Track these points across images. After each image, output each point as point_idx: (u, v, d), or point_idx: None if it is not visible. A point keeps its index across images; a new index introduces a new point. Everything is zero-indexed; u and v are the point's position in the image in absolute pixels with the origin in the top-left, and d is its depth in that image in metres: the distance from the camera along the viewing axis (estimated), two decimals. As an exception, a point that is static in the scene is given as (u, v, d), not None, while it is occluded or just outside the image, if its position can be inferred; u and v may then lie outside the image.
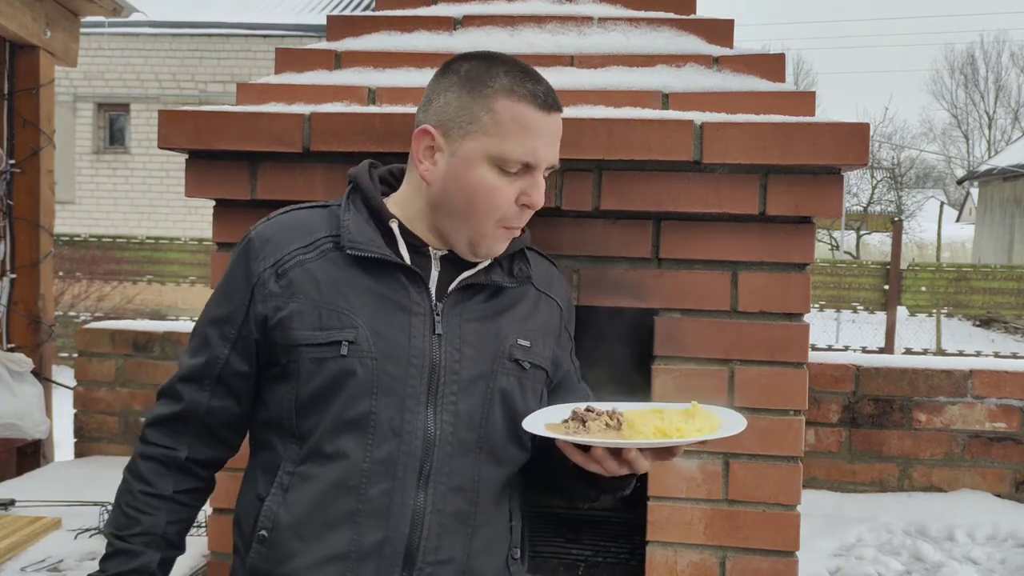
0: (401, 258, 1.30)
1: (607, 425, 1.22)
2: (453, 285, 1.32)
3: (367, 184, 1.36)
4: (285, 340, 1.28)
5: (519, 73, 1.30)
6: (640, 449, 1.20)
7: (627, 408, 1.29)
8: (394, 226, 1.32)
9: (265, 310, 1.30)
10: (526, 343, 1.36)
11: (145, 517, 1.35)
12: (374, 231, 1.31)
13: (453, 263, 1.34)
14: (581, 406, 1.28)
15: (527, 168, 1.28)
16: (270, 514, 1.29)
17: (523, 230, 1.40)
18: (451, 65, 1.34)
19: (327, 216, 1.35)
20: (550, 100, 1.30)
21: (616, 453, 1.20)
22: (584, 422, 1.23)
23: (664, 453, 1.23)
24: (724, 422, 1.25)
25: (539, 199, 1.30)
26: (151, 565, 1.35)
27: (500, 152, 1.26)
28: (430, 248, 1.34)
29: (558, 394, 1.45)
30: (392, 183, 1.42)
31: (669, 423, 1.22)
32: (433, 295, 1.31)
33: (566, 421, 1.24)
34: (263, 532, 1.29)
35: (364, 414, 1.26)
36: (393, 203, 1.37)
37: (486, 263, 1.34)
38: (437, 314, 1.30)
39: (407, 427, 1.26)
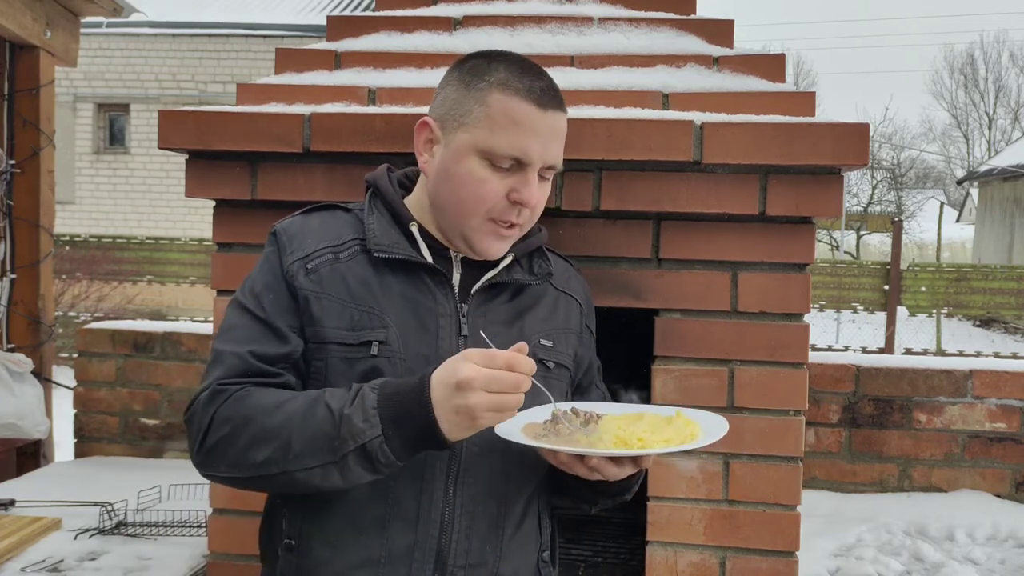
0: (425, 260, 1.30)
1: (581, 426, 1.21)
2: (477, 286, 1.31)
3: (387, 188, 1.35)
4: (315, 337, 1.26)
5: (518, 68, 1.27)
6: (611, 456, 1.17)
7: (614, 411, 1.28)
8: (414, 229, 1.31)
9: (299, 300, 1.28)
10: (549, 343, 1.36)
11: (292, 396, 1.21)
12: (398, 234, 1.31)
13: (473, 264, 1.33)
14: (564, 407, 1.26)
15: (519, 164, 1.25)
16: (297, 522, 1.28)
17: (539, 228, 1.40)
18: (459, 61, 1.34)
19: (351, 219, 1.35)
20: (547, 97, 1.26)
21: (584, 459, 1.18)
22: (557, 424, 1.22)
23: (631, 461, 1.20)
24: (703, 431, 1.22)
25: (529, 197, 1.25)
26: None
27: (489, 146, 1.24)
28: (450, 251, 1.33)
29: (579, 392, 1.45)
30: (409, 186, 1.41)
31: (631, 432, 1.19)
32: (457, 297, 1.31)
33: (546, 422, 1.24)
34: (290, 540, 1.28)
35: None
36: (412, 204, 1.37)
37: (507, 261, 1.33)
38: (463, 316, 1.29)
39: None
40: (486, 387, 1.07)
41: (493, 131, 1.24)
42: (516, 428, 1.22)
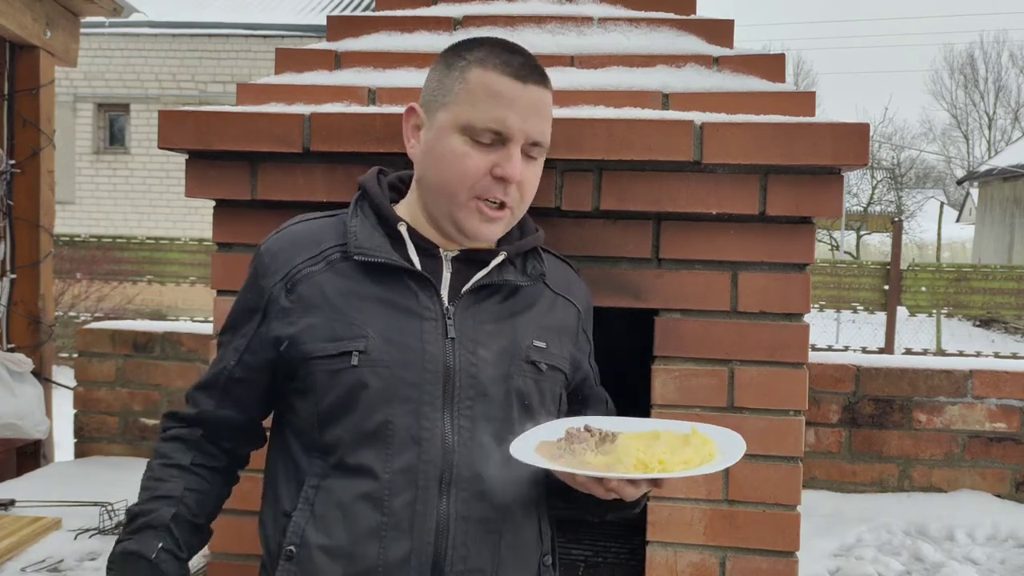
0: (410, 262, 1.28)
1: (597, 448, 1.20)
2: (467, 287, 1.30)
3: (375, 190, 1.34)
4: (299, 355, 1.27)
5: (498, 46, 1.29)
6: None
7: (627, 428, 1.26)
8: (402, 229, 1.30)
9: (278, 329, 1.28)
10: (542, 344, 1.34)
11: (162, 484, 1.33)
12: (382, 236, 1.30)
13: (465, 264, 1.32)
14: (578, 424, 1.25)
15: (499, 139, 1.25)
16: (297, 530, 1.27)
17: (536, 228, 1.39)
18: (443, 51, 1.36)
19: (335, 224, 1.33)
20: (525, 71, 1.27)
21: (602, 480, 1.17)
22: (572, 444, 1.21)
23: (648, 482, 1.19)
24: (719, 451, 1.21)
25: (512, 172, 1.25)
26: (163, 517, 1.31)
27: (468, 120, 1.25)
28: (440, 249, 1.32)
29: (576, 397, 1.43)
30: (401, 189, 1.40)
31: (651, 454, 1.17)
32: (445, 298, 1.29)
33: (560, 440, 1.22)
34: (291, 548, 1.27)
35: (382, 424, 1.24)
36: (403, 206, 1.36)
37: (498, 260, 1.32)
38: (449, 317, 1.28)
39: (425, 434, 1.24)
40: None
41: (472, 105, 1.25)
42: (530, 447, 1.21)
